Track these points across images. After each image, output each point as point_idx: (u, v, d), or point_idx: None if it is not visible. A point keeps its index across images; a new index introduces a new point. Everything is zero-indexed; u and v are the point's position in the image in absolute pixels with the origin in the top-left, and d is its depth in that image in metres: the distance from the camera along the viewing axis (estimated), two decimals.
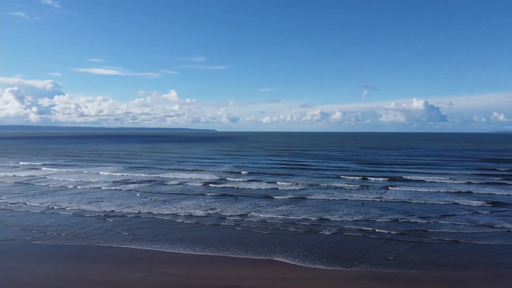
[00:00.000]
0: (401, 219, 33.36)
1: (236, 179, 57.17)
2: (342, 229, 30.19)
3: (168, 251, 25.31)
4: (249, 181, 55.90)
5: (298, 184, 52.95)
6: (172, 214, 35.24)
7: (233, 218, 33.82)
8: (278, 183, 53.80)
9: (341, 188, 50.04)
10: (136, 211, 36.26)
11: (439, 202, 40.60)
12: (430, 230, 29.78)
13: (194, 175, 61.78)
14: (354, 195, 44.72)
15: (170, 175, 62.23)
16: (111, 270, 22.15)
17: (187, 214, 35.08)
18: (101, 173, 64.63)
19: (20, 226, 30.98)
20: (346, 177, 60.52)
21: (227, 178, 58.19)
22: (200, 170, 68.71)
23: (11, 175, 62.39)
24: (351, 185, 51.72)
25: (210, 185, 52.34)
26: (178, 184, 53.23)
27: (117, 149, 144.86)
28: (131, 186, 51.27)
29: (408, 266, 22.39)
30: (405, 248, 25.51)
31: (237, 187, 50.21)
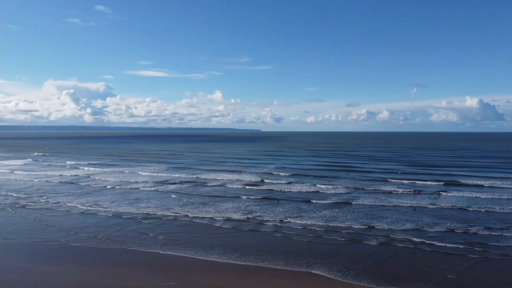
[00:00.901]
0: (458, 229, 29.99)
1: (277, 181, 55.36)
2: (391, 239, 27.48)
3: (203, 258, 23.99)
4: (290, 183, 53.88)
5: (342, 187, 50.21)
6: (210, 217, 34.07)
7: (272, 224, 32.07)
8: (321, 186, 51.34)
9: (389, 192, 46.75)
10: (174, 214, 35.46)
11: (502, 210, 36.46)
12: (493, 244, 26.33)
13: (234, 176, 60.69)
14: (404, 200, 41.43)
15: (211, 176, 61.55)
16: (143, 277, 21.16)
17: (225, 218, 33.76)
18: (143, 173, 65.24)
19: (59, 226, 31.06)
20: (395, 180, 56.84)
21: (268, 180, 56.51)
22: (241, 171, 67.56)
23: (57, 174, 64.52)
24: (400, 189, 48.23)
25: (250, 187, 50.91)
26: (218, 185, 52.27)
27: (161, 148, 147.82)
28: (171, 187, 50.95)
29: (474, 287, 19.45)
30: (467, 265, 22.42)
31: (278, 190, 48.38)
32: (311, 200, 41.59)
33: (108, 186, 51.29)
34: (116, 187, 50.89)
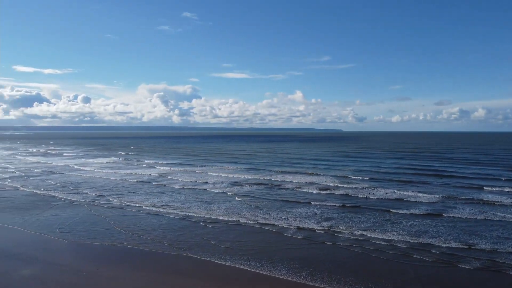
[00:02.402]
0: None
1: (356, 186, 50.89)
2: (495, 264, 22.33)
3: (268, 274, 21.45)
4: (371, 188, 49.10)
5: (432, 195, 44.24)
6: (280, 225, 31.46)
7: (350, 236, 28.48)
8: (407, 192, 45.84)
9: (491, 203, 39.86)
10: (241, 219, 33.50)
11: None
12: None
13: (309, 179, 57.42)
14: (510, 213, 34.76)
15: (284, 178, 58.97)
16: None
17: (297, 226, 30.88)
18: (216, 173, 64.81)
19: (126, 227, 30.90)
20: (497, 188, 48.87)
21: (345, 185, 52.21)
22: (317, 174, 63.93)
23: (134, 173, 67.01)
24: (505, 200, 41.00)
25: (326, 191, 47.28)
26: (291, 189, 49.47)
27: (239, 148, 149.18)
28: (242, 189, 49.35)
29: None
30: None
31: (356, 196, 44.12)
32: (395, 210, 36.85)
33: (180, 186, 51.35)
34: (188, 187, 50.74)
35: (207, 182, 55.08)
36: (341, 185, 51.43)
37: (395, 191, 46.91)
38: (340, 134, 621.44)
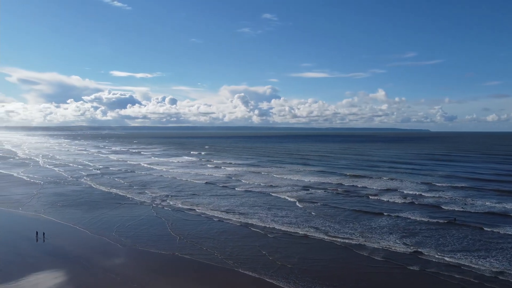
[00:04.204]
0: None
1: (444, 195, 43.91)
2: None
3: None
4: (465, 198, 41.88)
5: None
6: (354, 241, 26.93)
7: (441, 259, 23.32)
8: (509, 206, 38.07)
9: None
10: (308, 231, 29.65)
11: None
12: None
13: (389, 185, 51.39)
14: None
15: (360, 183, 53.50)
16: None
17: (375, 244, 26.09)
18: (285, 176, 61.40)
19: (181, 233, 29.16)
20: None
21: (431, 193, 45.25)
22: (398, 179, 57.16)
23: (201, 173, 66.60)
24: None
25: (409, 200, 41.23)
26: (367, 196, 44.13)
27: (315, 149, 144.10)
28: (311, 195, 45.19)
29: None
30: None
31: (445, 208, 37.57)
32: (498, 227, 30.08)
33: (245, 189, 49.04)
34: (254, 191, 48.19)
35: (274, 186, 51.87)
36: (427, 194, 44.67)
37: (497, 203, 39.28)
38: (427, 135, 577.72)
